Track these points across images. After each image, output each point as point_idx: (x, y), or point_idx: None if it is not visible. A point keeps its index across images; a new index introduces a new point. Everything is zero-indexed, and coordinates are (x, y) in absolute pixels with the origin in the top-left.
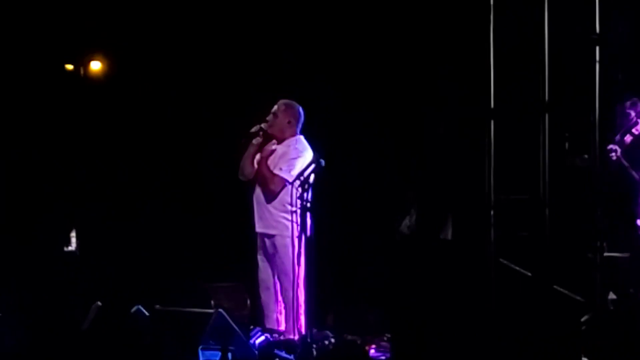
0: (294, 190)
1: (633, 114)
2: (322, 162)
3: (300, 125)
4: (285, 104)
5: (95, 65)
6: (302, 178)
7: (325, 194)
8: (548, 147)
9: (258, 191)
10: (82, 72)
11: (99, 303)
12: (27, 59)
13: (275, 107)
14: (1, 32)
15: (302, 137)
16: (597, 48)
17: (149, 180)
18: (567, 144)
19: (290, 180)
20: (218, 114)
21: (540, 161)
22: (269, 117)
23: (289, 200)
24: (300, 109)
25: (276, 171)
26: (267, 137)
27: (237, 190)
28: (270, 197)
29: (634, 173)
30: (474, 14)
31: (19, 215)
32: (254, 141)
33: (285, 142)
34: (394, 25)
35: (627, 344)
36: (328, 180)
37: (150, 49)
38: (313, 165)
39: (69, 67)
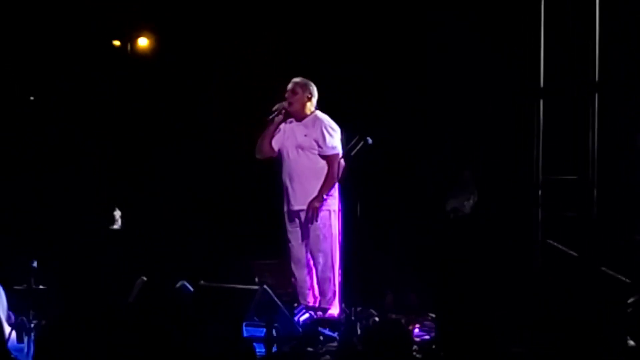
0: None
1: None
2: (369, 140)
3: (316, 101)
4: (302, 81)
5: (143, 42)
6: (351, 154)
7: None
8: (598, 127)
9: (288, 169)
10: (129, 48)
11: (144, 278)
12: (75, 34)
13: (291, 85)
14: (50, 7)
15: (320, 112)
16: None
17: (194, 158)
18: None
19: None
20: (263, 89)
21: (590, 141)
22: (287, 95)
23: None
24: (314, 85)
25: (328, 151)
26: (286, 116)
27: None
28: (308, 173)
29: None
30: None
31: (64, 193)
32: (276, 119)
33: (308, 119)
34: None
35: None
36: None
37: (197, 25)
38: (362, 143)
39: (117, 43)
